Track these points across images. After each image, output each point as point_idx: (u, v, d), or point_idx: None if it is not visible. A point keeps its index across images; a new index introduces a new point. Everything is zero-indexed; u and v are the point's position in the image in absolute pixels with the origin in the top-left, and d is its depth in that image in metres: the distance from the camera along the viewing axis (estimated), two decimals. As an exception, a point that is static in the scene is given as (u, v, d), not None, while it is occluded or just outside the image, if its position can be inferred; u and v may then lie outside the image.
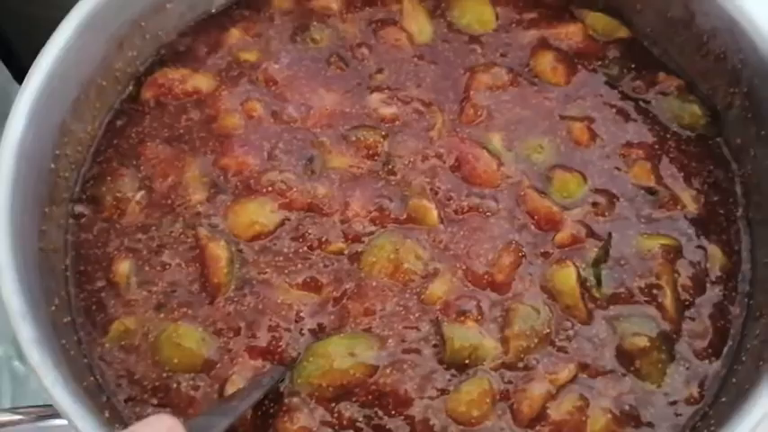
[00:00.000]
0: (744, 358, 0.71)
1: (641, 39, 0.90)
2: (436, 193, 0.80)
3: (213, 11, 0.94)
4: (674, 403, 0.71)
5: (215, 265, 0.76)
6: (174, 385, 0.73)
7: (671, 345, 0.73)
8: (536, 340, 0.73)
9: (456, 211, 0.79)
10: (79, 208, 0.83)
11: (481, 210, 0.79)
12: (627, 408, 0.70)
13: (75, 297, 0.78)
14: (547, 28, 0.90)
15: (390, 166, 0.81)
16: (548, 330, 0.73)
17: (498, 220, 0.78)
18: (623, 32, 0.91)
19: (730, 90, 0.82)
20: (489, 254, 0.76)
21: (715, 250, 0.78)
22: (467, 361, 0.72)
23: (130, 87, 0.89)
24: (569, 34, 0.90)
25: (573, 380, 0.71)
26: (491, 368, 0.72)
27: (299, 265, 0.76)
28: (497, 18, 0.90)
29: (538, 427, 0.69)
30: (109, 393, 0.73)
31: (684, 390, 0.71)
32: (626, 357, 0.72)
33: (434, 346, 0.73)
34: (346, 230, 0.78)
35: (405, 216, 0.78)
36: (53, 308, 0.74)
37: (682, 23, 0.86)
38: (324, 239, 0.77)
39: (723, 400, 0.70)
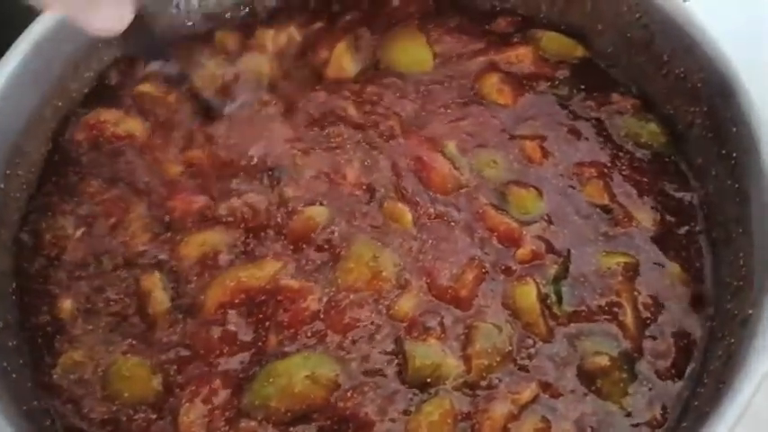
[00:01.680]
0: (706, 380, 0.70)
1: (600, 59, 0.90)
2: (404, 195, 0.79)
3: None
4: (636, 426, 0.69)
5: (149, 298, 0.74)
6: (124, 418, 0.70)
7: (632, 364, 0.71)
8: (498, 358, 0.71)
9: (425, 216, 0.78)
10: (24, 236, 0.80)
11: (446, 218, 0.78)
12: (589, 430, 0.68)
13: (21, 325, 0.76)
14: (496, 54, 0.90)
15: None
16: (510, 348, 0.71)
17: (462, 233, 0.77)
18: (579, 52, 0.91)
19: (691, 109, 0.82)
20: (454, 267, 0.75)
21: (674, 267, 0.77)
22: (429, 380, 0.70)
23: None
24: (519, 56, 0.90)
25: (535, 400, 0.69)
26: (453, 387, 0.70)
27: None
28: (435, 57, 0.90)
29: None
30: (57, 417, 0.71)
31: (647, 411, 0.69)
32: (587, 377, 0.70)
33: (397, 365, 0.71)
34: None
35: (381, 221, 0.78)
36: (-4, 330, 0.72)
37: (642, 44, 0.86)
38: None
39: (684, 424, 0.68)
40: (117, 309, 0.75)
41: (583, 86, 0.88)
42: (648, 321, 0.74)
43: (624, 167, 0.82)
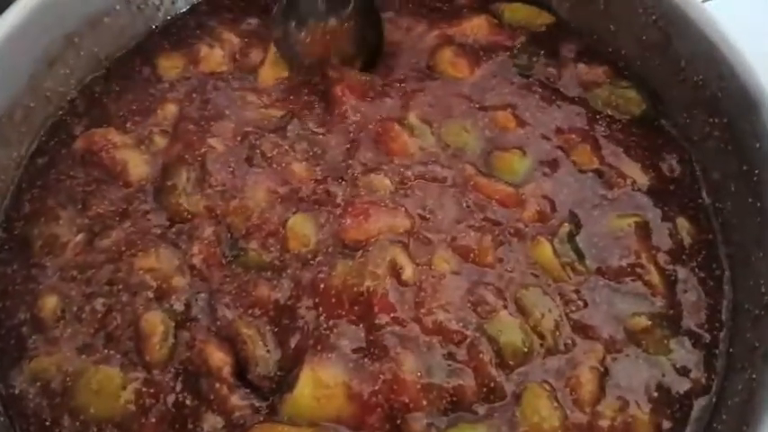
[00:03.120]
0: (725, 416, 0.65)
1: (617, 61, 0.85)
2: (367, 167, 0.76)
3: (154, 27, 0.88)
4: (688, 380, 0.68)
5: (149, 340, 0.68)
6: None
7: (672, 321, 0.70)
8: (557, 318, 0.69)
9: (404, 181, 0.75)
10: (6, 243, 0.75)
11: (429, 177, 0.75)
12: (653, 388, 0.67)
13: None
14: (449, 27, 0.87)
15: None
16: (558, 309, 0.69)
17: (453, 200, 0.75)
18: (544, 19, 0.88)
19: (709, 120, 0.77)
20: (469, 231, 0.72)
21: (682, 222, 0.76)
22: (511, 362, 0.67)
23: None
24: (474, 28, 0.86)
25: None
26: (540, 362, 0.67)
27: None
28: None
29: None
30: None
31: (695, 370, 0.69)
32: (632, 337, 0.69)
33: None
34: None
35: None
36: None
37: (657, 47, 0.80)
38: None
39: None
40: (105, 323, 0.70)
41: (542, 52, 0.85)
42: (673, 277, 0.72)
43: (606, 129, 0.80)
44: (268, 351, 0.67)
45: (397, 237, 0.71)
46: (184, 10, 0.90)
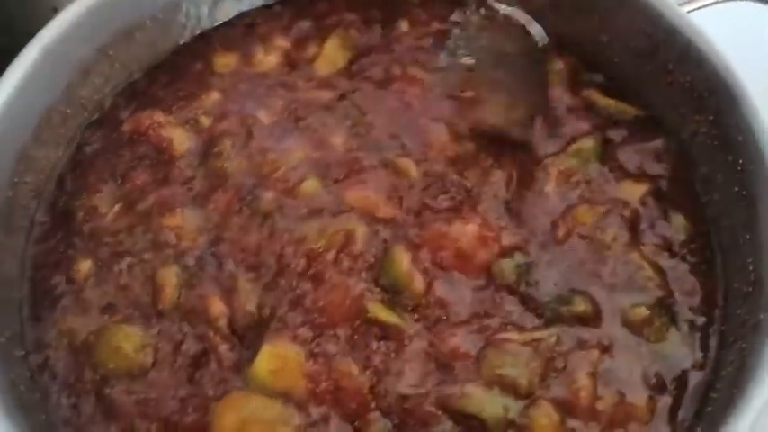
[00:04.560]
0: (719, 386, 0.70)
1: (605, 70, 0.91)
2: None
3: (182, 42, 0.94)
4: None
5: (163, 290, 0.75)
6: (107, 389, 0.71)
7: (669, 308, 0.75)
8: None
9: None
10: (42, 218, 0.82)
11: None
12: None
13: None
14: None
15: None
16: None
17: None
18: None
19: (696, 118, 0.83)
20: None
21: (678, 217, 0.80)
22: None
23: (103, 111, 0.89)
24: None
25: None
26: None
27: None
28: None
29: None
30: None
31: (691, 354, 0.73)
32: (634, 328, 0.74)
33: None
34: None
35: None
36: (3, 339, 0.71)
37: (646, 54, 0.87)
38: None
39: (699, 429, 0.69)
40: (129, 281, 0.76)
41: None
42: (666, 268, 0.77)
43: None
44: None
45: (375, 218, 0.77)
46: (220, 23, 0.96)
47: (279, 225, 0.77)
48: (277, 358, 0.70)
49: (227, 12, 0.97)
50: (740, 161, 0.77)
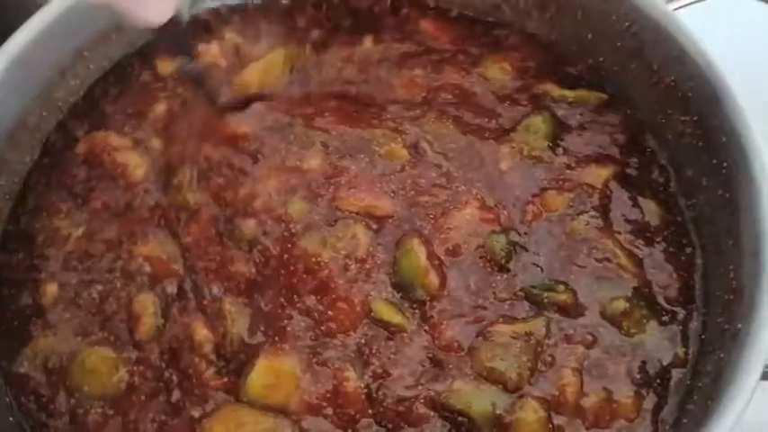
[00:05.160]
0: (695, 396, 0.69)
1: (592, 69, 0.89)
2: None
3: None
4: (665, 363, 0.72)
5: (139, 320, 0.73)
6: (81, 412, 0.70)
7: (648, 300, 0.74)
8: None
9: None
10: (11, 236, 0.80)
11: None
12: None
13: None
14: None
15: None
16: None
17: None
18: None
19: (681, 118, 0.80)
20: None
21: (648, 203, 0.79)
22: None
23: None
24: None
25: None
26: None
27: None
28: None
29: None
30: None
31: (671, 347, 0.72)
32: (614, 322, 0.73)
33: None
34: None
35: None
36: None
37: (632, 53, 0.85)
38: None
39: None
40: (103, 307, 0.74)
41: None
42: (642, 256, 0.75)
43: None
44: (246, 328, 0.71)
45: (374, 217, 0.76)
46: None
47: (270, 247, 0.75)
48: (272, 373, 0.69)
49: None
50: (724, 164, 0.74)
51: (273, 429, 0.67)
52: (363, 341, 0.71)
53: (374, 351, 0.71)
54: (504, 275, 0.74)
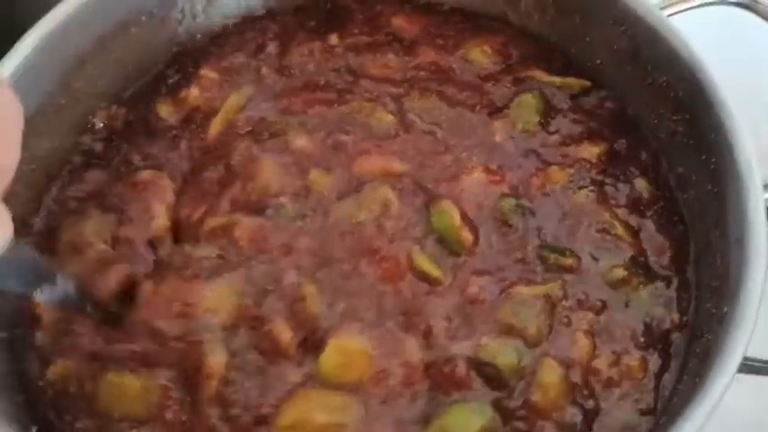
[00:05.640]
0: (685, 377, 0.72)
1: (588, 72, 0.93)
2: None
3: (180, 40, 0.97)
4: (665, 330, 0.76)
5: (207, 381, 0.70)
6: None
7: (645, 268, 0.78)
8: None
9: None
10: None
11: None
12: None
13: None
14: None
15: None
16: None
17: None
18: None
19: (674, 118, 0.85)
20: None
21: (640, 181, 0.84)
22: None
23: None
24: None
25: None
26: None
27: None
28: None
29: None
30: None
31: (668, 314, 0.77)
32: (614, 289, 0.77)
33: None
34: None
35: None
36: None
37: (628, 55, 0.89)
38: None
39: (662, 420, 0.71)
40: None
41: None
42: (637, 227, 0.80)
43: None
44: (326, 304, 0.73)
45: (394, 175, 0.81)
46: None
47: (311, 217, 0.78)
48: (342, 352, 0.70)
49: (223, 10, 0.99)
50: (713, 159, 0.78)
51: (344, 407, 0.69)
52: (410, 296, 0.74)
53: (419, 306, 0.74)
54: (518, 237, 0.79)
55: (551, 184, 0.82)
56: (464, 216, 0.78)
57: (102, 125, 0.91)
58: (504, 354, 0.72)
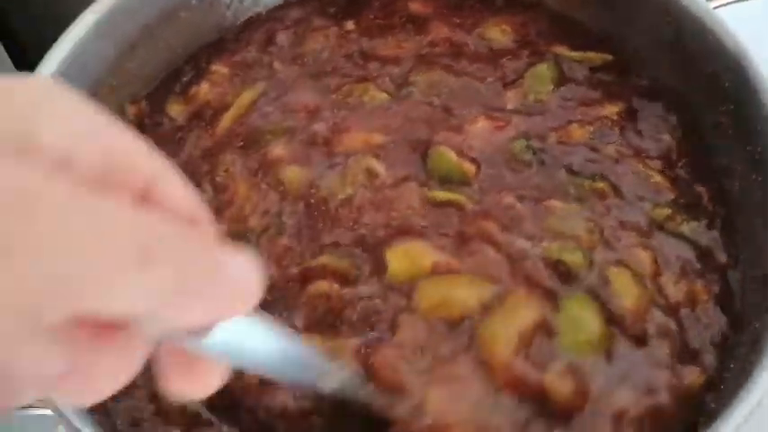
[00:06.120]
0: (732, 365, 0.72)
1: (630, 62, 0.93)
2: None
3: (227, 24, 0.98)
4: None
5: None
6: None
7: (686, 207, 0.79)
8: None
9: None
10: None
11: None
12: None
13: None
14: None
15: None
16: None
17: None
18: None
19: (719, 108, 0.85)
20: None
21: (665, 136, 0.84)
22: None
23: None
24: None
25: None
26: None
27: None
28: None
29: None
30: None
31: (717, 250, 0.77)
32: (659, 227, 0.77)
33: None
34: None
35: None
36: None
37: (672, 47, 0.90)
38: None
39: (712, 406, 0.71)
40: None
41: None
42: (674, 176, 0.81)
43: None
44: None
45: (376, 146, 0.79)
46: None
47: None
48: (404, 255, 0.70)
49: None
50: (758, 149, 0.79)
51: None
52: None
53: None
54: (535, 171, 0.79)
55: (571, 140, 0.82)
56: (461, 154, 0.77)
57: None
58: (569, 252, 0.71)
